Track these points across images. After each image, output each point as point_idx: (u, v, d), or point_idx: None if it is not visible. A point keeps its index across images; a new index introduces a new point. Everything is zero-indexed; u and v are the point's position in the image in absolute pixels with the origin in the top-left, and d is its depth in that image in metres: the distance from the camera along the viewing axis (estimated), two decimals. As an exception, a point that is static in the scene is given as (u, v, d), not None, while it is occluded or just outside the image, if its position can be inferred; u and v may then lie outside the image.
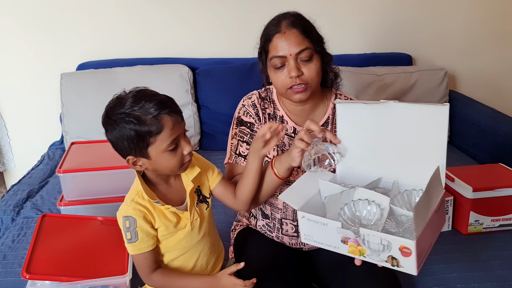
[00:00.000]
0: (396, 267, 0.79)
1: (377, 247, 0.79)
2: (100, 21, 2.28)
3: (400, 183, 0.93)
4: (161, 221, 1.00)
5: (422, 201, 0.77)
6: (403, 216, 0.84)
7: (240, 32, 2.37)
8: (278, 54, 1.12)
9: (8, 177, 2.52)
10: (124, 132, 0.92)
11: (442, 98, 2.31)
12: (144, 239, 0.98)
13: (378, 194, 0.86)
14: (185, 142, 0.97)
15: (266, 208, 1.25)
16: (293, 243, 1.26)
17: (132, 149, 0.94)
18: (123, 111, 0.92)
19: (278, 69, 1.13)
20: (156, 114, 0.90)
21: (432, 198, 0.82)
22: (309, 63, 1.12)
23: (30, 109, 2.37)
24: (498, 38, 2.56)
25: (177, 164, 0.96)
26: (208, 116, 2.26)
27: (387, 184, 0.95)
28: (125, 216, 0.98)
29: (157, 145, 0.93)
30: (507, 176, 1.52)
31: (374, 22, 2.45)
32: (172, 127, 0.92)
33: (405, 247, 0.76)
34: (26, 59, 2.29)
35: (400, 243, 0.76)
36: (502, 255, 1.38)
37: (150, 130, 0.91)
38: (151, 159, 0.95)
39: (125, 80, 2.12)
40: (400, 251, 0.77)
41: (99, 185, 1.49)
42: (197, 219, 1.04)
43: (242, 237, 1.28)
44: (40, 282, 1.10)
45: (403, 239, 0.76)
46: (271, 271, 1.13)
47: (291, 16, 1.15)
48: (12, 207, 1.69)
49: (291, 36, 1.11)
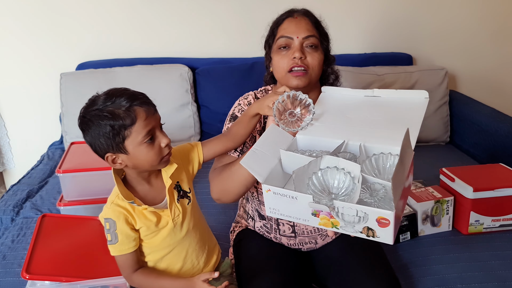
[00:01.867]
0: (371, 237, 0.78)
1: (352, 219, 0.76)
2: (99, 21, 2.28)
3: (367, 147, 0.88)
4: (141, 221, 1.00)
5: (398, 171, 0.74)
6: (377, 184, 0.79)
7: (240, 32, 2.36)
8: (285, 34, 1.15)
9: (8, 177, 2.52)
10: (100, 129, 0.93)
11: (442, 97, 2.30)
12: (124, 241, 0.99)
13: (347, 162, 0.81)
14: (161, 134, 0.97)
15: (261, 209, 1.24)
16: (292, 244, 1.25)
17: (110, 145, 0.94)
18: (96, 108, 0.93)
19: (282, 49, 1.15)
20: (128, 106, 0.92)
21: (405, 165, 0.79)
22: (314, 51, 1.15)
23: (30, 109, 2.36)
24: (499, 38, 2.56)
25: (155, 157, 0.96)
26: (208, 116, 2.26)
27: (353, 149, 0.89)
28: (105, 218, 0.99)
29: (133, 137, 0.93)
30: (507, 176, 1.52)
31: (374, 22, 2.45)
32: (145, 118, 0.93)
33: (383, 218, 0.73)
34: (25, 59, 2.28)
35: (378, 215, 0.73)
36: (503, 255, 1.37)
37: (124, 123, 0.92)
38: (129, 153, 0.95)
39: (124, 80, 2.12)
40: (377, 222, 0.74)
41: (98, 185, 1.49)
42: (179, 215, 1.04)
43: (241, 238, 1.28)
44: (40, 282, 1.10)
45: (382, 211, 0.73)
46: (270, 272, 1.13)
47: (303, 9, 1.20)
48: (11, 207, 1.69)
49: (302, 22, 1.16)
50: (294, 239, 1.24)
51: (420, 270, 1.31)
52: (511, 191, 1.45)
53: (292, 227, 1.23)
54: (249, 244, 1.25)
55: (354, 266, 1.16)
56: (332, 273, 1.19)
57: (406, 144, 0.79)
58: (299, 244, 1.25)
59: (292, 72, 1.12)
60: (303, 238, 1.24)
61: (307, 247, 1.26)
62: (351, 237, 1.26)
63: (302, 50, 1.13)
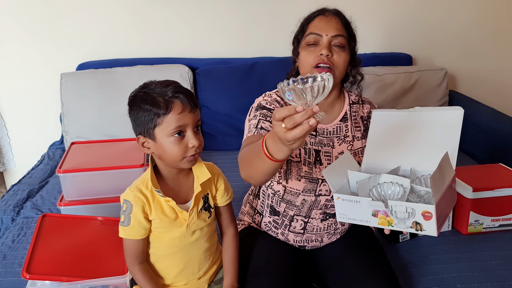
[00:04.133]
0: (420, 231, 0.92)
1: (403, 216, 0.92)
2: (100, 21, 2.28)
3: (416, 170, 1.07)
4: (156, 213, 1.01)
5: (436, 173, 0.89)
6: (422, 191, 0.99)
7: (240, 32, 2.36)
8: (315, 31, 1.18)
9: (8, 177, 2.52)
10: (139, 111, 0.97)
11: (442, 98, 2.31)
12: (135, 227, 1.01)
13: (400, 177, 1.00)
14: (193, 134, 0.98)
15: (280, 206, 1.25)
16: (298, 240, 1.26)
17: (143, 128, 0.98)
18: (144, 91, 0.98)
19: (310, 46, 1.18)
20: (169, 96, 0.95)
21: (445, 174, 0.95)
22: (341, 51, 1.18)
23: (30, 109, 2.37)
24: (498, 38, 2.56)
25: (179, 153, 0.97)
26: (208, 116, 2.26)
27: (405, 172, 1.09)
28: (124, 199, 1.01)
29: (163, 127, 0.96)
30: (507, 176, 1.52)
31: (374, 22, 2.45)
32: (179, 112, 0.95)
33: (427, 212, 0.89)
34: (26, 59, 2.29)
35: (423, 209, 0.89)
36: (502, 255, 1.37)
37: (159, 111, 0.94)
38: (157, 142, 0.97)
39: (125, 80, 2.12)
40: (422, 216, 0.90)
41: (99, 185, 1.49)
42: (195, 223, 1.05)
43: (243, 236, 1.28)
44: (40, 282, 1.10)
45: (425, 205, 0.89)
46: (271, 270, 1.13)
47: (334, 9, 1.24)
48: (12, 207, 1.69)
49: (332, 21, 1.19)
50: (302, 236, 1.25)
51: (420, 270, 1.31)
52: (510, 191, 1.45)
53: (304, 223, 1.23)
54: (252, 242, 1.25)
55: (354, 265, 1.16)
56: (333, 272, 1.20)
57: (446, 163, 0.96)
58: (305, 241, 1.26)
59: (318, 68, 1.15)
60: (310, 235, 1.25)
61: (312, 245, 1.27)
62: (352, 237, 1.28)
63: (329, 48, 1.16)
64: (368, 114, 1.31)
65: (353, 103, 1.31)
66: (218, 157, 2.04)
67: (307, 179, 1.19)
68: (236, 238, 1.15)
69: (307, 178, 1.19)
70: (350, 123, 1.26)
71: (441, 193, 0.92)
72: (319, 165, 1.21)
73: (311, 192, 1.20)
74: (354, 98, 1.32)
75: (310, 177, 1.19)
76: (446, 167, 0.96)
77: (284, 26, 2.36)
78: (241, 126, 2.25)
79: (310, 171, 1.20)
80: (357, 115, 1.29)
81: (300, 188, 1.20)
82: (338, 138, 1.24)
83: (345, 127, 1.26)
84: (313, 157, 1.21)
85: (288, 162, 1.19)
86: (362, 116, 1.30)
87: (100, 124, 2.13)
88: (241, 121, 2.21)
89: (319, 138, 1.23)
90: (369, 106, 1.33)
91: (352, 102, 1.31)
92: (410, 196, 0.98)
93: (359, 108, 1.31)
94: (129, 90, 1.02)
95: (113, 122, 2.10)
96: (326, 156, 1.22)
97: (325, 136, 1.24)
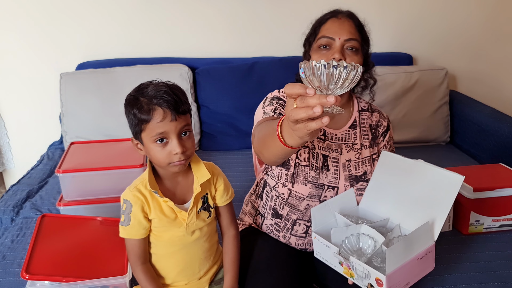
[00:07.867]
0: None
1: (362, 274, 0.95)
2: (99, 20, 2.28)
3: (402, 227, 1.08)
4: (155, 213, 1.01)
5: (399, 245, 0.92)
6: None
7: (240, 32, 2.36)
8: (327, 34, 1.15)
9: (8, 177, 2.52)
10: (129, 113, 0.98)
11: (442, 98, 2.30)
12: (135, 227, 1.01)
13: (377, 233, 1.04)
14: (176, 141, 0.95)
15: (283, 209, 1.23)
16: (299, 244, 1.25)
17: (133, 130, 0.99)
18: (135, 95, 0.97)
19: (322, 49, 1.16)
20: (153, 103, 0.94)
21: (413, 245, 0.96)
22: (354, 54, 1.15)
23: (30, 109, 2.36)
24: (499, 38, 2.55)
25: (163, 159, 0.97)
26: (208, 116, 2.25)
27: (391, 225, 1.11)
28: (124, 198, 1.02)
29: (146, 133, 0.96)
30: (507, 176, 1.52)
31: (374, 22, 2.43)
32: (159, 121, 0.94)
33: (379, 279, 0.91)
34: (25, 59, 2.28)
35: (376, 275, 0.92)
36: (503, 255, 1.37)
37: (142, 118, 0.94)
38: (144, 145, 0.99)
39: (124, 80, 2.12)
40: (376, 281, 0.93)
41: (98, 185, 1.49)
42: (194, 223, 1.05)
43: (244, 236, 1.28)
44: (40, 283, 1.10)
45: (377, 272, 0.92)
46: (272, 271, 1.13)
47: (348, 11, 1.21)
48: (11, 207, 1.68)
49: (345, 24, 1.16)
50: (304, 239, 1.24)
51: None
52: (511, 191, 1.45)
53: (307, 227, 1.23)
54: (252, 242, 1.25)
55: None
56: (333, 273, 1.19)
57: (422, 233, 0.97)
58: (306, 244, 1.25)
59: None
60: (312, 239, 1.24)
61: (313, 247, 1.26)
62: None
63: (342, 51, 1.13)
64: (377, 123, 1.28)
65: (363, 110, 1.29)
66: (218, 157, 2.04)
67: (314, 184, 1.18)
68: (236, 239, 1.15)
69: (313, 184, 1.18)
70: (358, 131, 1.25)
71: (399, 266, 0.92)
72: (326, 170, 1.19)
73: (316, 198, 1.19)
74: (363, 105, 1.30)
75: (317, 183, 1.18)
76: (421, 238, 0.97)
77: (284, 26, 2.37)
78: (241, 126, 2.27)
79: (317, 176, 1.18)
80: (366, 123, 1.27)
81: (305, 193, 1.18)
82: (346, 145, 1.23)
83: (354, 134, 1.24)
84: (320, 162, 1.19)
85: (296, 166, 1.18)
86: (371, 124, 1.28)
87: (99, 124, 2.12)
88: (241, 121, 2.23)
89: (328, 143, 1.22)
90: (378, 115, 1.30)
91: (362, 109, 1.29)
92: (374, 258, 0.99)
93: (369, 116, 1.29)
94: (128, 90, 1.01)
95: (112, 122, 2.10)
96: (333, 162, 1.21)
97: (334, 141, 1.22)
